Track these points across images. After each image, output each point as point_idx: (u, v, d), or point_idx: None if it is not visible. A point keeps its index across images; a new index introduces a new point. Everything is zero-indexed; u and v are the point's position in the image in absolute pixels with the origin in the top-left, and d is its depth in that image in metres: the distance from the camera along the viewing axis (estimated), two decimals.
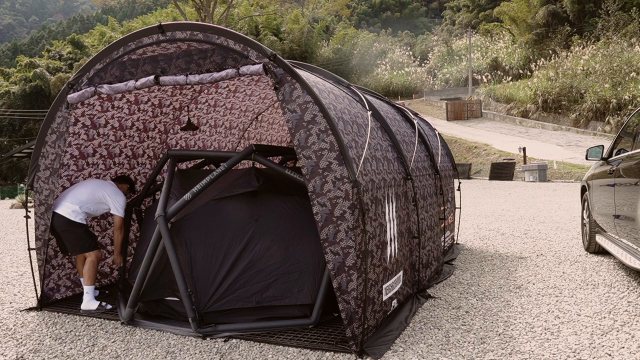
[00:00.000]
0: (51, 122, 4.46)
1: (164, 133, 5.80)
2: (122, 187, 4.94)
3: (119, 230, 4.75)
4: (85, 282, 4.58)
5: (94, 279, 4.60)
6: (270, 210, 4.23)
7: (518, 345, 3.39)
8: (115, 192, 4.71)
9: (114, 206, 4.66)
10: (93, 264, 4.58)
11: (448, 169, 6.74)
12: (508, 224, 9.17)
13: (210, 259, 4.00)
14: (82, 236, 4.56)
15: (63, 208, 4.49)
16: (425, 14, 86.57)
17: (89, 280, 4.56)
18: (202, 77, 3.68)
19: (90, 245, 4.60)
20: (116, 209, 4.67)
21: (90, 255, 4.60)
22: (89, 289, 4.57)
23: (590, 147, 5.84)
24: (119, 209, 4.68)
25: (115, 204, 4.66)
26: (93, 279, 4.58)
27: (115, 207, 4.67)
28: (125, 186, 4.98)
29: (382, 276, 3.67)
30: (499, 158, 24.41)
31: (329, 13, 46.85)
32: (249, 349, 3.53)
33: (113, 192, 4.70)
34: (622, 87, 25.81)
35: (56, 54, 55.26)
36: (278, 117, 8.13)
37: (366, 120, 4.03)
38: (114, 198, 4.66)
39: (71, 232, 4.52)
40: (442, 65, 50.58)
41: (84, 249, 4.58)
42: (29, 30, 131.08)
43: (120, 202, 4.69)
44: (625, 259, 4.52)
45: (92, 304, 4.53)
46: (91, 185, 4.65)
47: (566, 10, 39.32)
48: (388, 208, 3.85)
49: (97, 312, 4.46)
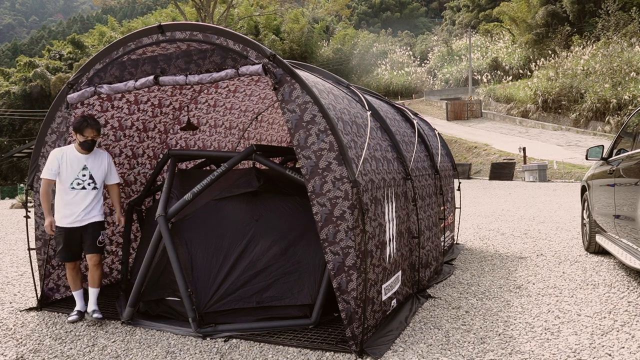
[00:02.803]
0: (51, 122, 4.46)
1: (164, 133, 5.80)
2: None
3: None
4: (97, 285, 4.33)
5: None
6: (270, 210, 4.23)
7: (518, 345, 3.39)
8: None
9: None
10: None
11: (448, 169, 6.74)
12: (508, 224, 9.17)
13: (210, 259, 4.00)
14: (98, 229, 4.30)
15: (95, 214, 4.24)
16: (425, 14, 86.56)
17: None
18: (201, 77, 3.68)
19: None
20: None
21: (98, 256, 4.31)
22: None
23: (590, 147, 5.84)
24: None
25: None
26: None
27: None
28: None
29: (381, 276, 3.67)
30: (499, 158, 24.41)
31: (329, 13, 46.78)
32: (249, 349, 3.53)
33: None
34: (622, 87, 25.80)
35: (56, 54, 55.26)
36: (278, 117, 8.12)
37: (366, 121, 4.03)
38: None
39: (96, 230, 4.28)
40: (442, 65, 50.58)
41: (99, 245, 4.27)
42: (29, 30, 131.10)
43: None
44: (625, 259, 4.52)
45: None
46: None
47: (566, 10, 39.31)
48: (387, 208, 3.86)
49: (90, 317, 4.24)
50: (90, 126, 4.11)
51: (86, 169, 4.20)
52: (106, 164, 4.33)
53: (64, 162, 4.13)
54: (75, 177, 4.16)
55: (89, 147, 4.18)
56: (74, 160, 4.17)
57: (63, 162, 4.13)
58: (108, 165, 4.35)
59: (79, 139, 4.13)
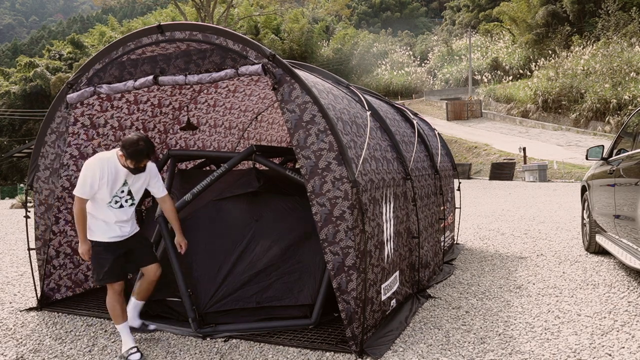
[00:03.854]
0: (50, 122, 4.46)
1: (164, 133, 5.80)
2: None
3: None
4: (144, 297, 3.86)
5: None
6: (270, 210, 4.23)
7: (518, 345, 3.39)
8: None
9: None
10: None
11: (448, 169, 6.73)
12: (508, 224, 9.16)
13: (210, 260, 4.00)
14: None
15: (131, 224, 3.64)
16: (425, 14, 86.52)
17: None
18: (200, 77, 3.68)
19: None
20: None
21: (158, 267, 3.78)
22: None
23: (590, 147, 5.83)
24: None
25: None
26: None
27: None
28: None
29: (380, 276, 3.67)
30: (499, 158, 24.40)
31: (329, 13, 46.75)
32: (249, 349, 3.52)
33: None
34: (622, 87, 25.79)
35: (56, 54, 55.23)
36: (278, 117, 8.12)
37: (365, 121, 4.03)
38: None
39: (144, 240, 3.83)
40: (442, 65, 50.56)
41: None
42: (29, 30, 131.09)
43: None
44: (625, 259, 4.52)
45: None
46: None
47: (566, 10, 39.31)
48: (385, 208, 3.85)
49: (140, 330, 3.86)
50: (148, 157, 3.41)
51: (126, 185, 3.49)
52: (148, 176, 3.59)
53: (104, 178, 3.37)
54: (113, 195, 3.46)
55: (138, 173, 3.49)
56: (116, 175, 3.42)
57: (104, 178, 3.37)
58: (152, 176, 3.62)
59: (129, 164, 3.38)
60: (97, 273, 3.46)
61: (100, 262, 3.44)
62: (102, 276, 3.44)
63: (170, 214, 3.77)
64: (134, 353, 3.41)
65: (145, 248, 3.72)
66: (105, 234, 3.46)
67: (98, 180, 3.34)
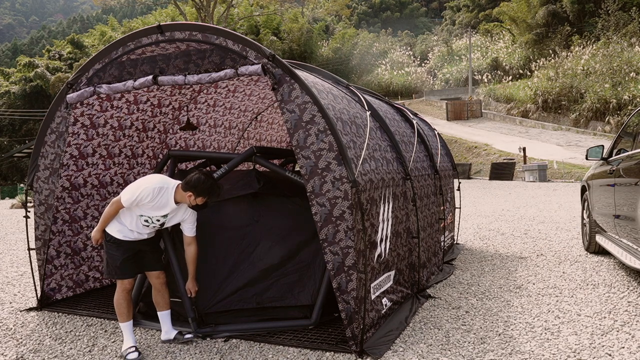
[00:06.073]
0: (50, 122, 4.46)
1: (164, 133, 5.80)
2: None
3: None
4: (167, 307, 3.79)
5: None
6: (270, 211, 4.23)
7: (518, 345, 3.39)
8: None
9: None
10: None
11: (448, 169, 6.73)
12: (508, 224, 9.16)
13: (210, 260, 4.00)
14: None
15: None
16: (425, 14, 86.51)
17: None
18: (200, 77, 3.68)
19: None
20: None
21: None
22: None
23: (590, 147, 5.83)
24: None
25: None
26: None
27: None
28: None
29: (370, 275, 3.65)
30: (499, 158, 24.39)
31: (329, 13, 46.81)
32: (249, 349, 3.52)
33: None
34: (622, 87, 25.78)
35: (56, 54, 55.20)
36: (277, 117, 8.12)
37: (365, 121, 4.03)
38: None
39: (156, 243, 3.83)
40: (442, 65, 50.54)
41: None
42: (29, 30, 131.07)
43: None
44: (625, 259, 4.52)
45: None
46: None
47: (566, 10, 39.31)
48: (383, 208, 3.84)
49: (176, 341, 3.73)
50: (217, 194, 3.51)
51: (165, 217, 3.52)
52: (187, 214, 3.63)
53: (152, 203, 3.40)
54: (149, 216, 3.49)
55: (200, 209, 3.56)
56: (164, 206, 3.45)
57: (152, 202, 3.40)
58: (190, 214, 3.65)
59: (196, 200, 3.42)
60: (108, 267, 3.55)
61: (112, 257, 3.52)
62: (113, 271, 3.53)
63: (190, 257, 3.71)
64: (132, 352, 3.43)
65: (156, 254, 3.74)
66: (121, 233, 3.53)
67: (146, 203, 3.40)
